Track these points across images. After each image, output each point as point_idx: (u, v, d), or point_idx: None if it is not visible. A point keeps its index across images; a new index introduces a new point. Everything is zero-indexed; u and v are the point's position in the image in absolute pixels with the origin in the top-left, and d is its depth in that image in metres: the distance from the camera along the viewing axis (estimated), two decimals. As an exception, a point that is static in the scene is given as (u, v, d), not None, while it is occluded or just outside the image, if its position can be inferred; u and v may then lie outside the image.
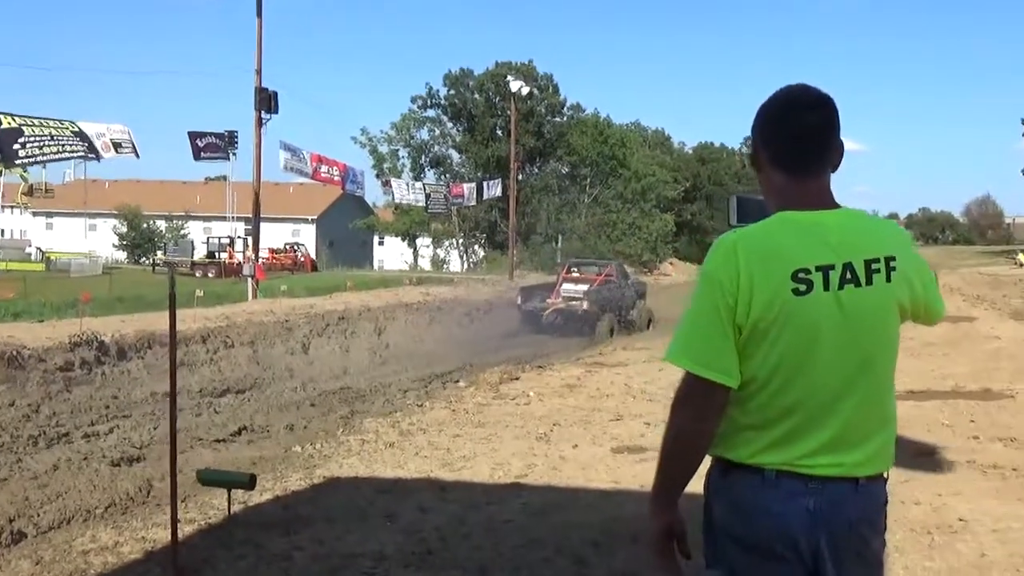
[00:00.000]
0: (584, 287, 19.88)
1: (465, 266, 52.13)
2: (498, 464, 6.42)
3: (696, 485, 1.87)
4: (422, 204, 35.19)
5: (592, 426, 7.65)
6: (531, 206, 48.70)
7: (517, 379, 10.44)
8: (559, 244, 45.77)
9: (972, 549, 4.38)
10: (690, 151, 68.43)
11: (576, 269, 21.77)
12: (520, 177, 42.22)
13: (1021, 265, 45.86)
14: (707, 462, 1.88)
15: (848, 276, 1.80)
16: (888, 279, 1.82)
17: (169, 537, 4.44)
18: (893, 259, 1.84)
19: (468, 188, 36.81)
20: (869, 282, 1.81)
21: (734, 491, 1.84)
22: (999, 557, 4.26)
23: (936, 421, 7.02)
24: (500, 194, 37.52)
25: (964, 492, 5.28)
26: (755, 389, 1.81)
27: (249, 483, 5.17)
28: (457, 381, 11.70)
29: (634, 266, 40.11)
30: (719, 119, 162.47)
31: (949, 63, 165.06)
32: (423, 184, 37.93)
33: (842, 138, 1.93)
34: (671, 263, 50.53)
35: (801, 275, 1.77)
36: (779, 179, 1.90)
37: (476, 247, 54.11)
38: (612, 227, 48.07)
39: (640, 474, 5.98)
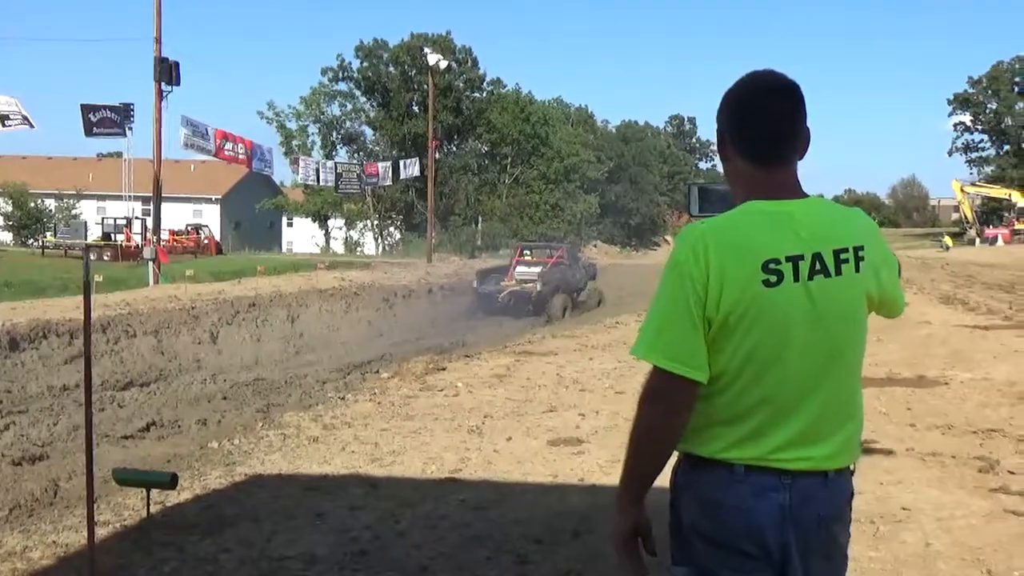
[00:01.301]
0: (537, 269, 20.56)
1: (381, 249, 51.12)
2: (430, 458, 6.25)
3: (661, 480, 1.82)
4: (332, 185, 34.39)
5: (525, 418, 7.52)
6: (449, 186, 48.08)
7: (444, 369, 10.24)
8: (479, 226, 45.37)
9: (917, 539, 4.43)
10: (613, 130, 68.15)
11: (528, 252, 22.51)
12: (438, 156, 41.63)
13: (948, 248, 48.01)
14: (673, 457, 1.84)
15: (817, 267, 1.77)
16: (857, 269, 1.81)
17: (82, 541, 4.23)
18: (861, 249, 1.82)
19: (383, 167, 36.13)
20: (838, 272, 1.79)
21: (702, 487, 1.80)
22: (944, 546, 4.32)
23: (873, 409, 7.13)
24: (417, 174, 36.93)
25: (905, 481, 5.36)
26: (725, 383, 1.77)
27: (170, 482, 4.93)
28: (378, 371, 11.41)
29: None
30: (643, 96, 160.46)
31: (875, 41, 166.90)
32: (335, 163, 37.06)
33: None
34: (595, 246, 50.48)
35: (771, 266, 1.75)
36: (746, 168, 1.87)
37: (392, 229, 53.12)
38: (535, 208, 47.84)
39: (578, 467, 5.91)
